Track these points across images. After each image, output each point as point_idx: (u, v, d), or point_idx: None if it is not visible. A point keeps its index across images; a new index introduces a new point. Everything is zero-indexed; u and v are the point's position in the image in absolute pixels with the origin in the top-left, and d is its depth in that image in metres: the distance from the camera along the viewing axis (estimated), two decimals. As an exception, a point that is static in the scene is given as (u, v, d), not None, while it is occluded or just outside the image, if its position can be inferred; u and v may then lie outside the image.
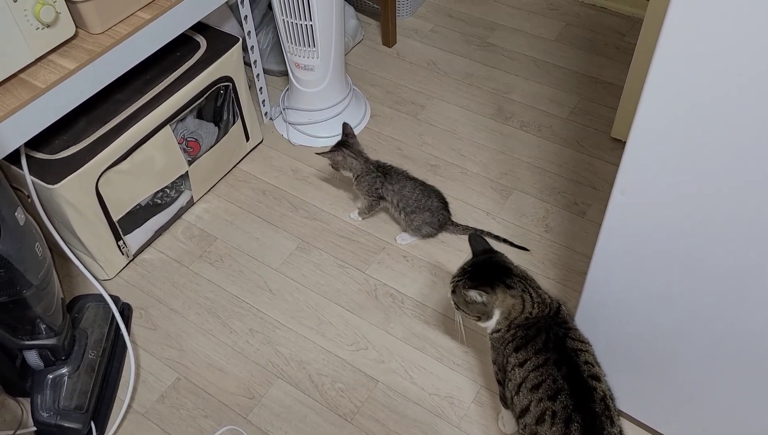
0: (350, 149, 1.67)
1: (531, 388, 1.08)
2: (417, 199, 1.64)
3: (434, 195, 1.67)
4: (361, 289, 1.64)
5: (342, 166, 1.68)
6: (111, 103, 1.56)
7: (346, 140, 1.69)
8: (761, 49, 0.74)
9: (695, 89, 0.82)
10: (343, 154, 1.66)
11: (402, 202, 1.66)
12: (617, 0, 2.35)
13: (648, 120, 0.89)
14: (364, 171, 1.67)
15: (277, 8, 1.74)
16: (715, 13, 0.75)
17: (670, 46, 0.81)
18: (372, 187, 1.67)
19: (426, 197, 1.65)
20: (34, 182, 1.43)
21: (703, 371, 1.13)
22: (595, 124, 1.98)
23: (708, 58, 0.79)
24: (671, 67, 0.82)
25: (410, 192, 1.65)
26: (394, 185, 1.65)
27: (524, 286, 1.17)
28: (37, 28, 1.31)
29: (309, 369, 1.51)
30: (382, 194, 1.67)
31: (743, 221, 0.90)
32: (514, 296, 1.15)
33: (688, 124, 0.86)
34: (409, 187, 1.65)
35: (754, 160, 0.83)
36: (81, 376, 1.40)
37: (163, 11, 1.50)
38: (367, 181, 1.67)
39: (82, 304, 1.53)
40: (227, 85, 1.74)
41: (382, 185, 1.66)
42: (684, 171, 0.90)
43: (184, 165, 1.70)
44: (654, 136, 0.90)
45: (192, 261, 1.72)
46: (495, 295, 1.15)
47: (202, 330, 1.58)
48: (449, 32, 2.31)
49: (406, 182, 1.66)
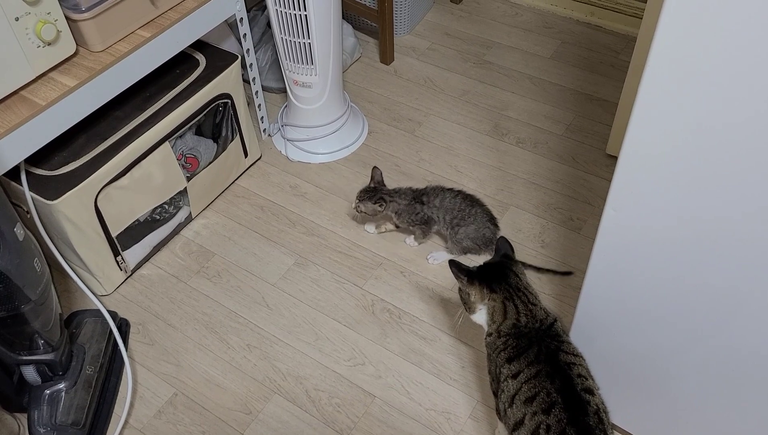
0: (387, 195, 1.65)
1: (525, 400, 1.08)
2: (460, 207, 1.61)
3: (479, 206, 1.63)
4: (358, 305, 1.65)
5: (379, 212, 1.66)
6: (110, 119, 1.58)
7: (379, 187, 1.67)
8: (750, 67, 0.76)
9: (684, 108, 0.84)
10: (383, 204, 1.63)
11: (448, 215, 1.62)
12: (612, 18, 2.38)
13: (638, 138, 0.90)
14: (401, 204, 1.64)
15: (276, 26, 1.76)
16: (704, 31, 0.77)
17: (659, 65, 0.82)
18: (414, 216, 1.64)
19: (469, 207, 1.62)
20: (33, 198, 1.44)
21: (696, 386, 1.13)
22: (591, 140, 1.99)
23: (697, 76, 0.80)
24: (661, 86, 0.84)
25: (451, 202, 1.62)
26: (434, 201, 1.63)
27: (510, 295, 1.19)
28: (38, 46, 1.33)
29: (306, 384, 1.51)
30: (428, 216, 1.64)
31: (735, 239, 0.91)
32: (494, 300, 1.20)
33: (678, 142, 0.87)
34: (449, 196, 1.63)
35: (745, 177, 0.84)
36: (78, 392, 1.40)
37: (162, 29, 1.52)
38: (406, 213, 1.65)
39: (80, 319, 1.54)
40: (226, 102, 1.76)
41: (422, 207, 1.63)
42: (675, 188, 0.91)
43: (183, 181, 1.72)
44: (645, 153, 0.91)
45: (190, 276, 1.72)
46: (473, 286, 1.21)
47: (199, 345, 1.59)
48: (446, 50, 2.33)
49: (444, 193, 1.63)
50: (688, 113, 0.84)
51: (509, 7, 2.49)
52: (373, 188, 1.67)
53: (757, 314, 0.96)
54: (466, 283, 1.22)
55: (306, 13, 1.68)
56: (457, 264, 1.23)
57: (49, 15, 1.32)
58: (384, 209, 1.65)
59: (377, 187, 1.68)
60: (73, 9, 1.38)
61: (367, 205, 1.65)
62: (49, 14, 1.32)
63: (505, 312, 1.19)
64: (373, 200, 1.64)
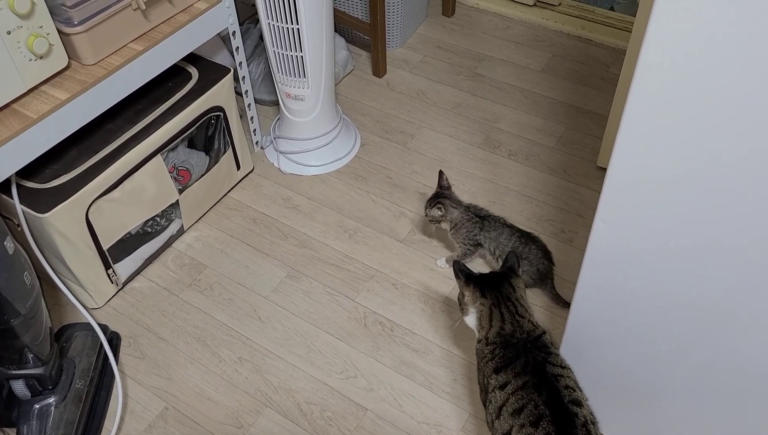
0: (449, 200, 1.64)
1: (512, 412, 1.09)
2: (514, 246, 1.59)
3: (533, 243, 1.61)
4: (350, 317, 1.65)
5: (442, 219, 1.65)
6: (102, 132, 1.58)
7: (442, 192, 1.66)
8: (738, 80, 0.77)
9: (672, 122, 0.84)
10: (442, 207, 1.63)
11: (498, 250, 1.61)
12: (602, 32, 2.40)
13: (627, 151, 0.91)
14: (464, 218, 1.63)
15: (268, 40, 1.77)
16: (692, 43, 0.77)
17: (646, 79, 0.83)
18: (470, 235, 1.63)
19: (524, 245, 1.60)
20: (24, 211, 1.44)
21: (684, 399, 1.14)
22: (582, 153, 2.01)
23: (685, 90, 0.81)
24: (648, 100, 0.84)
25: (507, 239, 1.60)
26: (491, 232, 1.61)
27: (499, 303, 1.23)
28: (30, 60, 1.33)
29: (298, 398, 1.50)
30: (480, 241, 1.63)
31: (725, 253, 0.91)
32: (483, 305, 1.24)
33: (666, 157, 0.87)
34: (506, 234, 1.61)
35: (735, 192, 0.85)
36: (68, 406, 1.39)
37: (155, 43, 1.52)
38: (466, 228, 1.63)
39: (70, 332, 1.53)
40: (218, 114, 1.76)
41: (480, 231, 1.62)
42: (663, 202, 0.92)
43: (175, 193, 1.72)
44: (633, 166, 0.91)
45: (182, 289, 1.72)
46: (468, 288, 1.27)
47: (190, 359, 1.58)
48: (438, 63, 2.35)
49: (503, 229, 1.61)
50: (675, 127, 0.84)
51: (501, 21, 2.51)
52: (436, 193, 1.67)
53: (746, 329, 0.96)
54: (462, 284, 1.28)
55: (298, 27, 1.68)
56: (459, 264, 1.29)
57: (41, 29, 1.32)
58: (444, 214, 1.63)
59: (440, 191, 1.67)
60: (66, 23, 1.39)
61: (431, 211, 1.64)
62: (41, 28, 1.32)
63: (491, 318, 1.23)
64: (431, 204, 1.64)
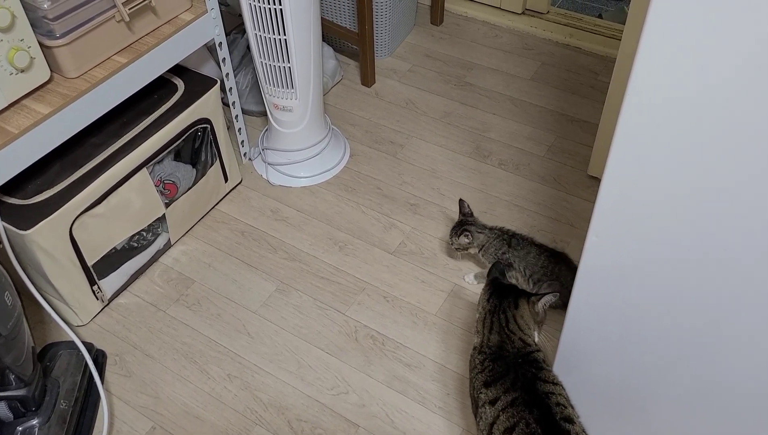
0: (474, 226, 1.65)
1: (504, 431, 1.07)
2: (543, 265, 1.58)
3: (563, 262, 1.59)
4: (341, 331, 1.62)
5: (470, 246, 1.65)
6: (86, 146, 1.55)
7: (466, 219, 1.67)
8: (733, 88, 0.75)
9: (664, 139, 0.83)
10: (469, 235, 1.63)
11: (528, 270, 1.60)
12: (591, 40, 2.40)
13: (620, 165, 0.89)
14: (491, 237, 1.64)
15: (255, 50, 1.75)
16: (684, 58, 0.76)
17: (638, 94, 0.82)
18: (498, 252, 1.63)
19: (553, 264, 1.58)
20: (5, 228, 1.40)
21: (677, 413, 1.12)
22: (572, 161, 2.00)
23: (679, 101, 0.80)
24: (642, 112, 0.83)
25: (535, 258, 1.59)
26: (519, 251, 1.61)
27: (495, 311, 1.24)
28: (11, 74, 1.30)
29: (288, 415, 1.48)
30: (510, 260, 1.62)
31: (721, 267, 0.90)
32: (484, 308, 1.27)
33: (659, 173, 0.86)
34: (534, 253, 1.60)
35: (733, 204, 0.84)
36: (52, 428, 1.35)
37: (139, 55, 1.50)
38: (494, 247, 1.63)
39: (54, 351, 1.49)
40: (205, 126, 1.73)
41: (508, 248, 1.62)
42: (656, 218, 0.91)
43: (161, 207, 1.69)
44: (627, 180, 0.90)
45: (169, 305, 1.69)
46: (486, 287, 1.31)
47: (178, 376, 1.55)
48: (427, 72, 2.33)
49: (530, 248, 1.61)
50: (668, 144, 0.83)
51: (489, 29, 2.50)
52: (460, 222, 1.68)
53: (740, 343, 0.95)
54: (487, 281, 1.33)
55: (286, 38, 1.67)
56: (500, 265, 1.36)
57: (23, 42, 1.29)
58: (471, 241, 1.64)
59: (463, 219, 1.68)
60: (47, 35, 1.36)
61: (459, 240, 1.65)
62: (23, 41, 1.29)
63: (484, 324, 1.25)
64: (457, 232, 1.65)
